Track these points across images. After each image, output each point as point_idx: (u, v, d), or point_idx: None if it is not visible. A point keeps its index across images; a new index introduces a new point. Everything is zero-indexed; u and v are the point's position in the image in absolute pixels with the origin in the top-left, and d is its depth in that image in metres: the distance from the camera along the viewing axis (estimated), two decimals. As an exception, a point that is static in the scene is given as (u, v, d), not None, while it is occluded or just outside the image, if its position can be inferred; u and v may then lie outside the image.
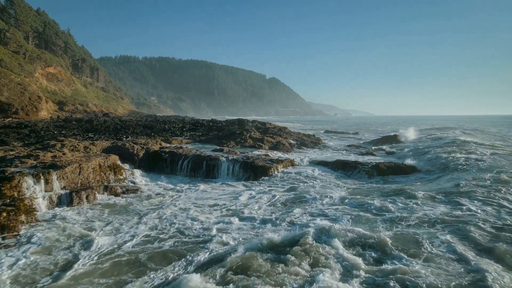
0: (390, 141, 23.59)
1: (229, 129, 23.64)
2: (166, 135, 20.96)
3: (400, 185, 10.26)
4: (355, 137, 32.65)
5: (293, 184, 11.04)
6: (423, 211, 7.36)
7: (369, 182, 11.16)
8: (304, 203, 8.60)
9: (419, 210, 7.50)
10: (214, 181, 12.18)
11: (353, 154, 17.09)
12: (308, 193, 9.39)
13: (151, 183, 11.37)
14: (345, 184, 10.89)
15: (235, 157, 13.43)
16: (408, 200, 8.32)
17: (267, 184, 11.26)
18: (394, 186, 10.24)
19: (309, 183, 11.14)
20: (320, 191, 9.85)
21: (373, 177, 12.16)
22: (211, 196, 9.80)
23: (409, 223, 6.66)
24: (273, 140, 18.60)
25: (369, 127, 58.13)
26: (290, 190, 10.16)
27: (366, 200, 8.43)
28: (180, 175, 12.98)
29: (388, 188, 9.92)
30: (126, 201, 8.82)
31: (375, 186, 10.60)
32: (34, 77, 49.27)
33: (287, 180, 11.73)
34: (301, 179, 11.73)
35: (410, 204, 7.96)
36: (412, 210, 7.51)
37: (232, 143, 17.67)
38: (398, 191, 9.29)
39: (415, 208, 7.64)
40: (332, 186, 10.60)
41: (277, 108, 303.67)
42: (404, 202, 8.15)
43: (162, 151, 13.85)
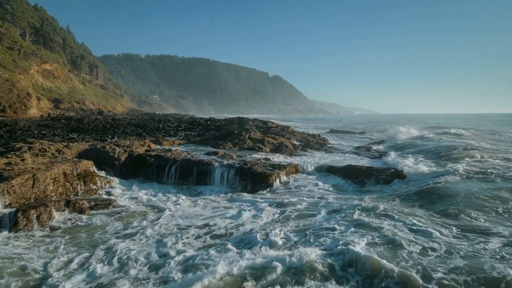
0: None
1: (228, 129, 21.88)
2: (158, 135, 19.24)
3: (441, 201, 8.42)
4: (362, 137, 30.74)
5: (298, 197, 9.26)
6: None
7: (390, 194, 9.32)
8: (316, 229, 6.76)
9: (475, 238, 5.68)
10: (206, 190, 10.42)
11: (364, 158, 15.25)
12: (318, 213, 7.58)
13: (131, 194, 9.64)
14: (361, 197, 9.08)
15: (230, 161, 11.66)
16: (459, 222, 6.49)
17: (267, 197, 9.48)
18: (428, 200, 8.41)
19: (317, 196, 9.34)
20: (333, 206, 8.06)
21: (391, 186, 10.34)
22: (200, 213, 8.04)
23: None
24: (275, 142, 16.80)
25: (375, 126, 56.04)
26: (295, 207, 8.36)
27: (399, 224, 6.62)
28: (168, 182, 11.24)
29: (422, 202, 8.07)
30: (90, 222, 7.08)
31: (400, 199, 8.78)
32: (29, 74, 47.85)
33: (291, 191, 9.95)
34: (308, 190, 9.94)
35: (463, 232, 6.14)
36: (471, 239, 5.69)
37: (229, 145, 15.90)
38: (443, 209, 7.47)
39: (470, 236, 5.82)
40: (346, 199, 8.80)
41: (280, 106, 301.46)
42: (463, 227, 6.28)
43: (148, 154, 12.11)
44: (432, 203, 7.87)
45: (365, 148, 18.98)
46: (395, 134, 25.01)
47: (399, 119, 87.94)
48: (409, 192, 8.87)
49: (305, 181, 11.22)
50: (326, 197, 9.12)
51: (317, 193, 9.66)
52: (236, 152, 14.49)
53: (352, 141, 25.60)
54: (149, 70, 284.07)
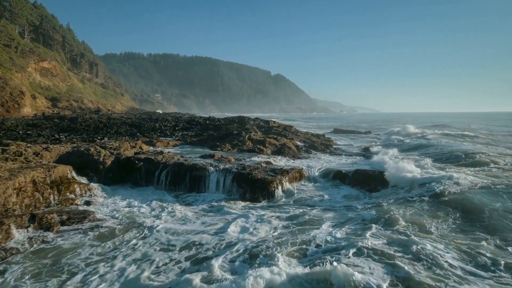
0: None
1: (227, 129, 20.74)
2: (154, 135, 18.14)
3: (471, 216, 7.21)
4: (368, 137, 29.44)
5: (302, 208, 8.10)
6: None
7: (404, 202, 8.09)
8: (320, 254, 5.58)
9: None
10: (199, 199, 9.27)
11: (375, 161, 14.01)
12: (327, 232, 6.39)
13: (114, 203, 8.50)
14: (377, 209, 7.87)
15: (227, 166, 10.51)
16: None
17: (266, 209, 8.32)
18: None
19: (324, 207, 8.17)
20: (340, 221, 6.89)
21: (409, 192, 9.12)
22: (189, 228, 6.89)
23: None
24: (277, 143, 15.62)
25: (380, 124, 54.57)
26: (297, 221, 7.20)
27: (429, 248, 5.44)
28: (158, 189, 10.11)
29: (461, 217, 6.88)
30: (57, 243, 5.95)
31: (423, 210, 7.58)
32: (26, 72, 46.94)
33: (294, 202, 8.79)
34: (314, 200, 8.78)
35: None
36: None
37: (227, 146, 14.74)
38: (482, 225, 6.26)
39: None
40: (358, 211, 7.60)
41: (282, 105, 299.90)
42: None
43: (136, 158, 10.98)
44: (467, 220, 6.67)
45: (373, 149, 17.73)
46: (404, 134, 23.74)
47: (404, 118, 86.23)
48: (433, 202, 7.66)
49: (311, 189, 10.06)
50: (333, 209, 7.94)
51: (324, 205, 8.46)
52: (235, 154, 13.33)
53: (359, 141, 24.34)
54: (151, 69, 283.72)
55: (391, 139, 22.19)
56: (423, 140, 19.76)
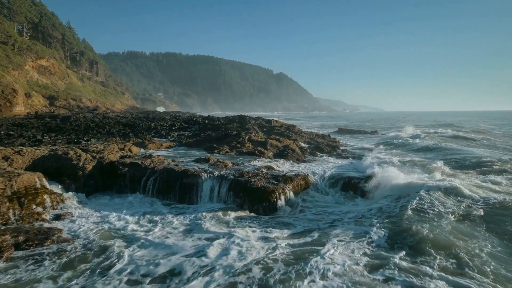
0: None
1: (227, 129, 19.51)
2: (147, 136, 16.93)
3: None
4: (376, 137, 28.07)
5: (308, 224, 6.85)
6: None
7: (436, 223, 6.81)
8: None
9: None
10: (188, 211, 8.03)
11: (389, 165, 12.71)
12: (337, 263, 5.12)
13: (89, 218, 7.28)
14: (393, 224, 6.58)
15: (223, 172, 9.27)
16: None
17: (265, 225, 7.07)
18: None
19: (334, 225, 6.90)
20: (349, 248, 5.62)
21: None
22: (170, 251, 5.66)
23: None
24: (279, 144, 14.35)
25: (386, 124, 52.97)
26: (303, 240, 5.95)
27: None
28: (144, 198, 8.89)
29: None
30: (3, 276, 4.75)
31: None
32: (23, 70, 45.99)
33: (299, 215, 7.54)
34: (322, 215, 7.51)
35: None
36: None
37: (225, 148, 13.49)
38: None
39: None
40: (373, 230, 6.32)
41: (285, 103, 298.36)
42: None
43: (121, 162, 9.77)
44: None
45: (384, 151, 16.41)
46: (413, 135, 22.39)
47: (409, 117, 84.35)
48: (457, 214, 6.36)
49: (318, 200, 8.81)
50: (345, 226, 6.66)
51: (332, 218, 7.19)
52: (233, 158, 12.07)
53: (366, 142, 23.00)
54: (154, 68, 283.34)
55: (401, 140, 20.82)
56: (436, 143, 18.41)
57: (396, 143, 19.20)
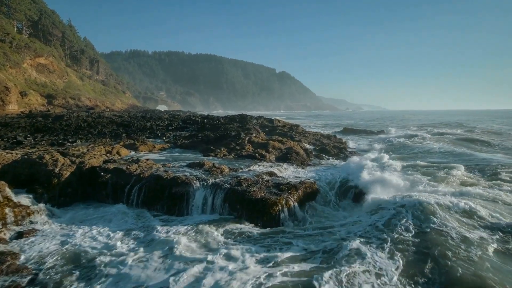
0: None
1: (226, 129, 18.38)
2: (140, 137, 15.85)
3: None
4: (382, 136, 26.78)
5: (316, 246, 5.69)
6: None
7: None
8: None
9: None
10: (176, 225, 6.88)
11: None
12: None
13: (58, 236, 6.18)
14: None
15: (219, 179, 8.13)
16: None
17: (264, 243, 5.93)
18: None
19: (346, 255, 5.72)
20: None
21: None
22: (148, 282, 4.55)
23: None
24: (282, 146, 13.18)
25: (391, 123, 51.38)
26: (310, 269, 4.80)
27: None
28: (127, 210, 7.77)
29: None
30: None
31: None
32: (21, 68, 45.15)
33: (306, 234, 6.36)
34: (333, 234, 6.32)
35: None
36: None
37: (223, 151, 12.35)
38: None
39: None
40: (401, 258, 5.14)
41: (287, 102, 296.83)
42: None
43: (103, 168, 8.66)
44: None
45: (393, 154, 15.17)
46: (426, 137, 21.07)
47: (415, 116, 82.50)
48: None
49: (325, 213, 7.64)
50: (351, 252, 5.47)
51: (346, 243, 6.00)
52: (231, 162, 10.93)
53: (374, 142, 21.74)
54: (156, 67, 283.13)
55: (411, 142, 19.51)
56: (452, 147, 17.12)
57: (405, 144, 17.87)
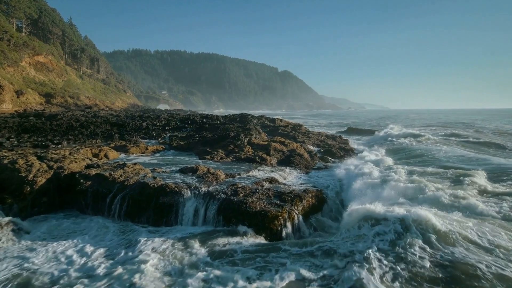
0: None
1: (225, 129, 17.43)
2: (133, 137, 14.94)
3: None
4: (387, 138, 25.68)
5: (325, 271, 4.71)
6: None
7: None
8: None
9: None
10: (161, 238, 5.92)
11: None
12: None
13: (20, 256, 5.26)
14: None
15: (213, 187, 7.18)
16: None
17: (264, 261, 4.96)
18: None
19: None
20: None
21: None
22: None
23: None
24: (284, 149, 12.20)
25: (396, 122, 50.03)
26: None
27: None
28: (108, 223, 6.84)
29: None
30: None
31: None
32: (19, 66, 44.47)
33: (312, 255, 5.38)
34: (347, 257, 5.34)
35: None
36: None
37: (220, 153, 11.39)
38: None
39: None
40: None
41: (290, 101, 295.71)
42: None
43: (84, 174, 7.73)
44: None
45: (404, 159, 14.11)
46: (435, 140, 19.93)
47: (419, 115, 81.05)
48: None
49: (333, 227, 6.65)
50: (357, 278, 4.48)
51: (353, 268, 5.02)
52: (229, 166, 9.96)
53: (379, 144, 20.67)
54: (158, 66, 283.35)
55: (418, 144, 18.36)
56: (467, 152, 16.00)
57: (411, 146, 16.29)
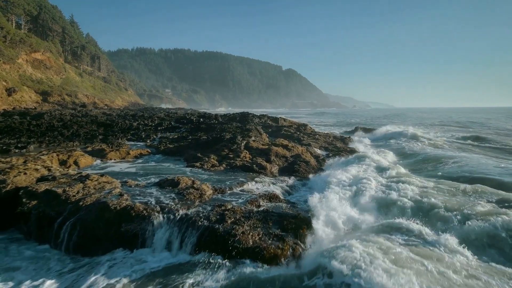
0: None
1: (223, 129, 15.74)
2: (122, 139, 13.33)
3: None
4: (398, 138, 23.73)
5: None
6: None
7: None
8: None
9: None
10: (115, 279, 4.26)
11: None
12: None
13: None
14: None
15: (193, 210, 5.50)
16: None
17: None
18: None
19: None
20: None
21: None
22: None
23: None
24: (288, 154, 10.46)
25: (403, 121, 47.74)
26: None
27: None
28: (52, 256, 5.19)
29: None
30: None
31: None
32: (15, 63, 43.25)
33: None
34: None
35: None
36: None
37: (211, 159, 9.70)
38: None
39: None
40: None
41: (294, 100, 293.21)
42: None
43: (29, 191, 6.08)
44: None
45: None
46: (452, 142, 17.99)
47: (426, 114, 78.38)
48: None
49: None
50: None
51: None
52: (220, 176, 8.25)
53: (388, 146, 18.76)
54: (162, 64, 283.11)
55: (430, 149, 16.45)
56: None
57: (423, 150, 14.14)
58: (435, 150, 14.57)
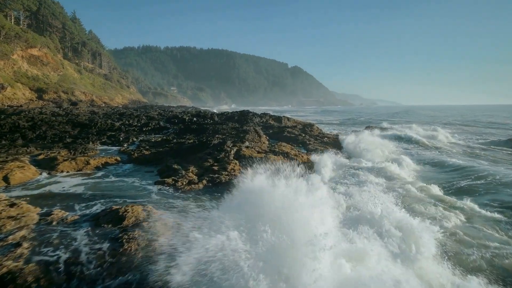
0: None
1: (216, 130, 13.49)
2: (95, 142, 11.15)
3: None
4: (412, 139, 21.11)
5: None
6: None
7: None
8: None
9: None
10: None
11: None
12: None
13: None
14: None
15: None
16: None
17: None
18: None
19: None
20: None
21: None
22: None
23: None
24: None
25: (413, 120, 44.39)
26: None
27: None
28: None
29: None
30: None
31: None
32: (10, 59, 41.66)
33: None
34: None
35: None
36: None
37: (190, 173, 7.42)
38: None
39: None
40: None
41: (300, 98, 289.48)
42: None
43: None
44: None
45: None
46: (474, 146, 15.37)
47: (436, 112, 74.73)
48: None
49: None
50: None
51: None
52: (193, 202, 5.98)
53: (404, 150, 16.10)
54: (168, 62, 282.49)
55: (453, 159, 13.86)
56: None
57: (440, 159, 11.66)
58: (472, 160, 11.82)
